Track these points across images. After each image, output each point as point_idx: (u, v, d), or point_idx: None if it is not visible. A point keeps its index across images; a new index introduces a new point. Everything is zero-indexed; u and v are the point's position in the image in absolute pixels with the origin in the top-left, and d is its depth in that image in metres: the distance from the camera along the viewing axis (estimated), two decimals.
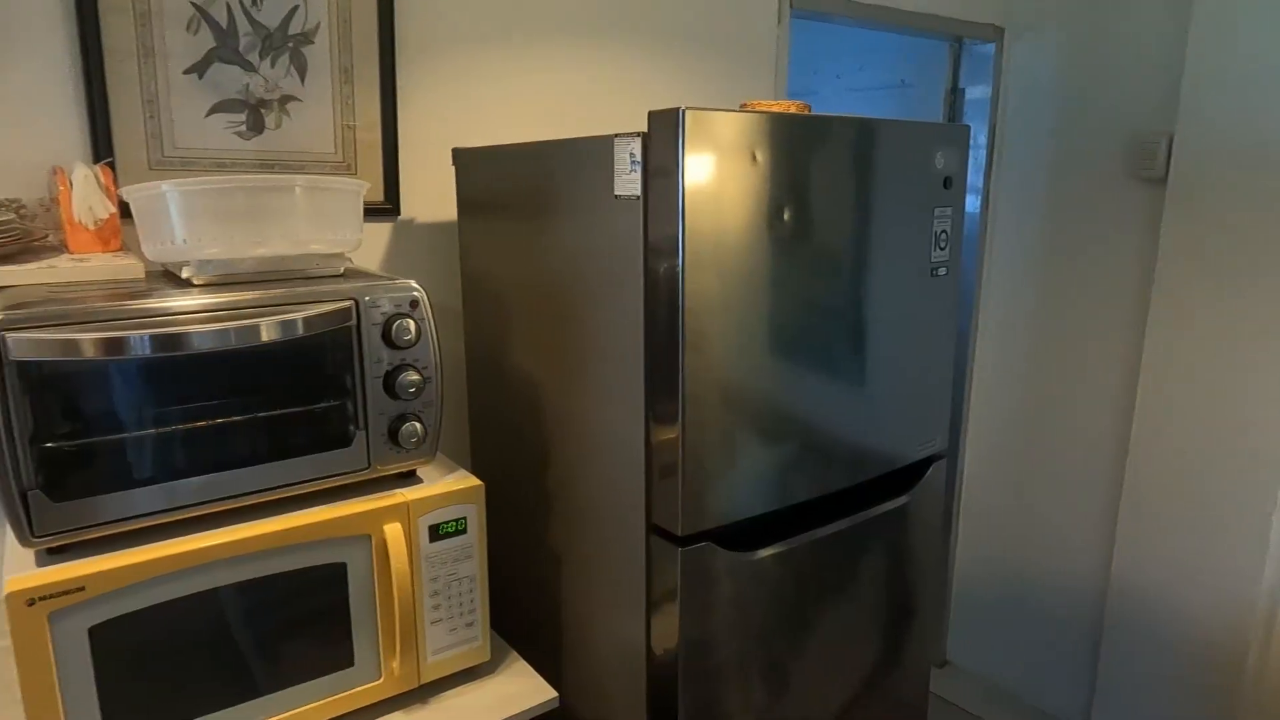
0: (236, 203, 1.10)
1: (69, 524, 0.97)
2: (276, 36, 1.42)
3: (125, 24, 1.29)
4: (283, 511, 1.11)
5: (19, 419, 0.93)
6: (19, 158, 1.26)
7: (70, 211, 1.17)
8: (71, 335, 0.94)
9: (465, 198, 1.51)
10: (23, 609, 0.92)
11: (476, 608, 1.25)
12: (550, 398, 1.38)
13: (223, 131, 1.40)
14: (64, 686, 0.96)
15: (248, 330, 1.04)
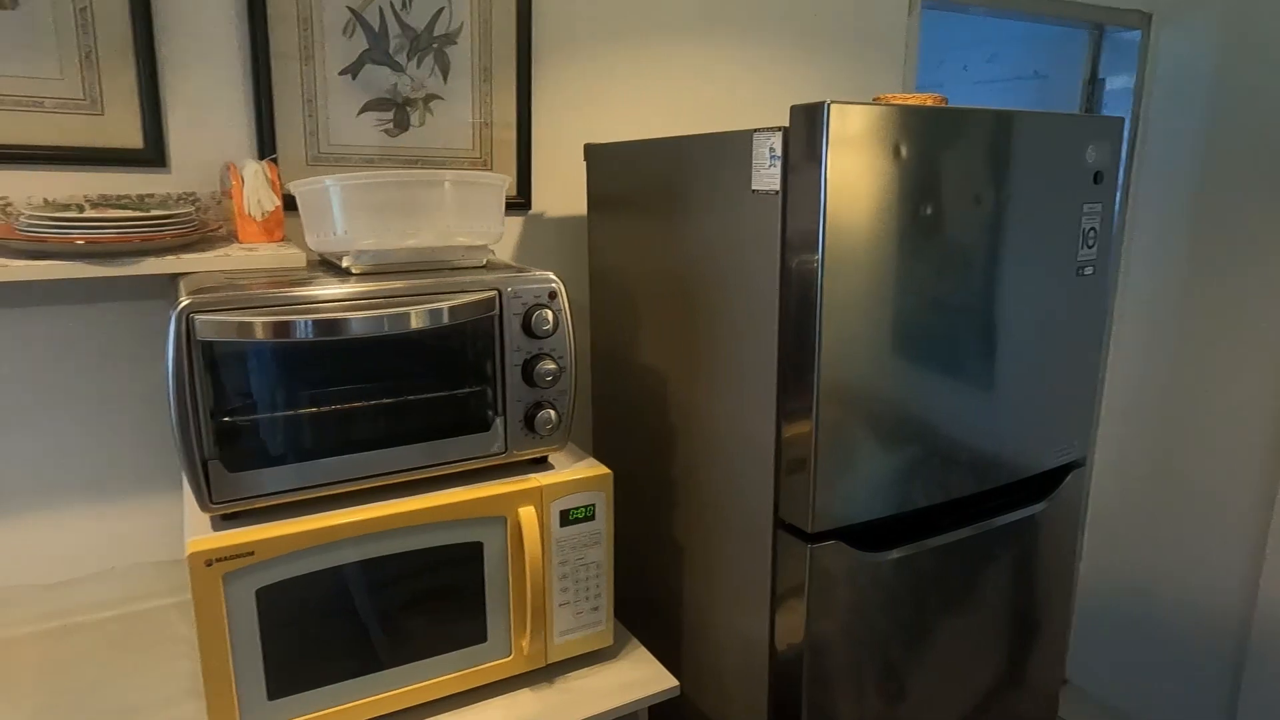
0: (391, 196, 1.16)
1: (241, 493, 1.05)
2: (423, 38, 1.49)
3: (289, 30, 1.38)
4: (426, 491, 1.16)
5: (202, 394, 1.01)
6: (196, 156, 1.37)
7: (241, 204, 1.26)
8: (249, 318, 1.01)
9: (595, 192, 1.54)
10: (202, 569, 1.00)
11: (602, 593, 1.28)
12: (675, 390, 1.40)
13: (372, 129, 1.48)
14: (234, 641, 1.04)
15: (399, 318, 1.10)
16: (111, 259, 1.12)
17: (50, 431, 1.34)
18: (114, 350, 1.36)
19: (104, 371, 1.36)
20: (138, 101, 1.30)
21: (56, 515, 1.37)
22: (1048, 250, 1.33)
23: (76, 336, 1.34)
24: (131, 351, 1.38)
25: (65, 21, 1.24)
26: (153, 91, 1.31)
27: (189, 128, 1.36)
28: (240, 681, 1.05)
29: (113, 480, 1.40)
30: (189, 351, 0.99)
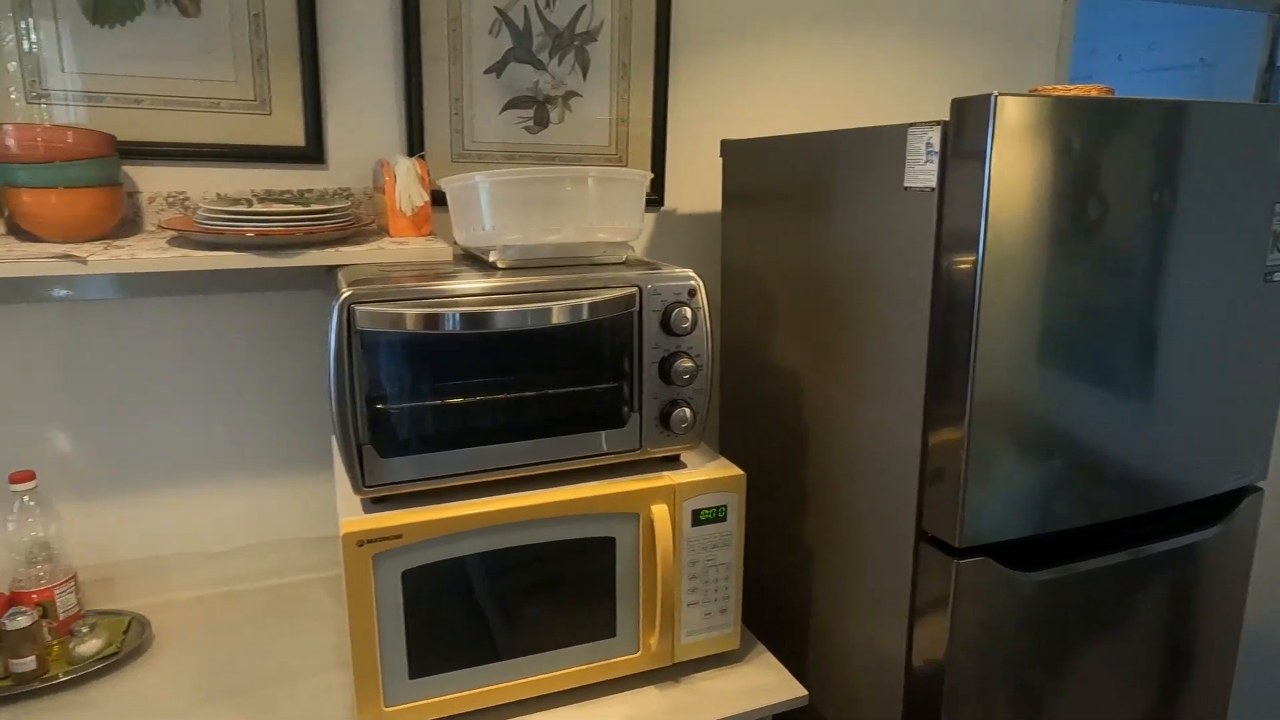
0: (536, 192, 1.18)
1: (390, 478, 1.09)
2: (565, 35, 1.50)
3: (440, 32, 1.43)
4: (561, 484, 1.17)
5: (359, 381, 1.05)
6: (351, 153, 1.43)
7: (393, 200, 1.31)
8: (405, 310, 1.05)
9: (731, 189, 1.52)
10: (354, 548, 1.05)
11: (730, 595, 1.26)
12: (811, 392, 1.36)
13: (513, 126, 1.51)
14: (380, 619, 1.08)
15: (541, 313, 1.12)
16: (278, 251, 1.18)
17: (218, 411, 1.44)
18: (273, 336, 1.45)
19: (264, 356, 1.45)
20: (301, 103, 1.37)
21: (220, 490, 1.47)
22: (1230, 254, 1.22)
23: (240, 323, 1.43)
24: (288, 338, 1.46)
25: (240, 28, 1.32)
26: (314, 93, 1.37)
27: (345, 127, 1.42)
28: (385, 658, 1.09)
29: (269, 459, 1.49)
30: (349, 340, 1.03)
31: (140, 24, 1.27)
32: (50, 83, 1.25)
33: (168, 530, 1.45)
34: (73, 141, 1.17)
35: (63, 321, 1.33)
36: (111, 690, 1.23)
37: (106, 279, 1.34)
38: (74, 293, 1.33)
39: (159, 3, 1.27)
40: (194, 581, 1.48)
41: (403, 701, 1.11)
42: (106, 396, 1.38)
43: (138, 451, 1.41)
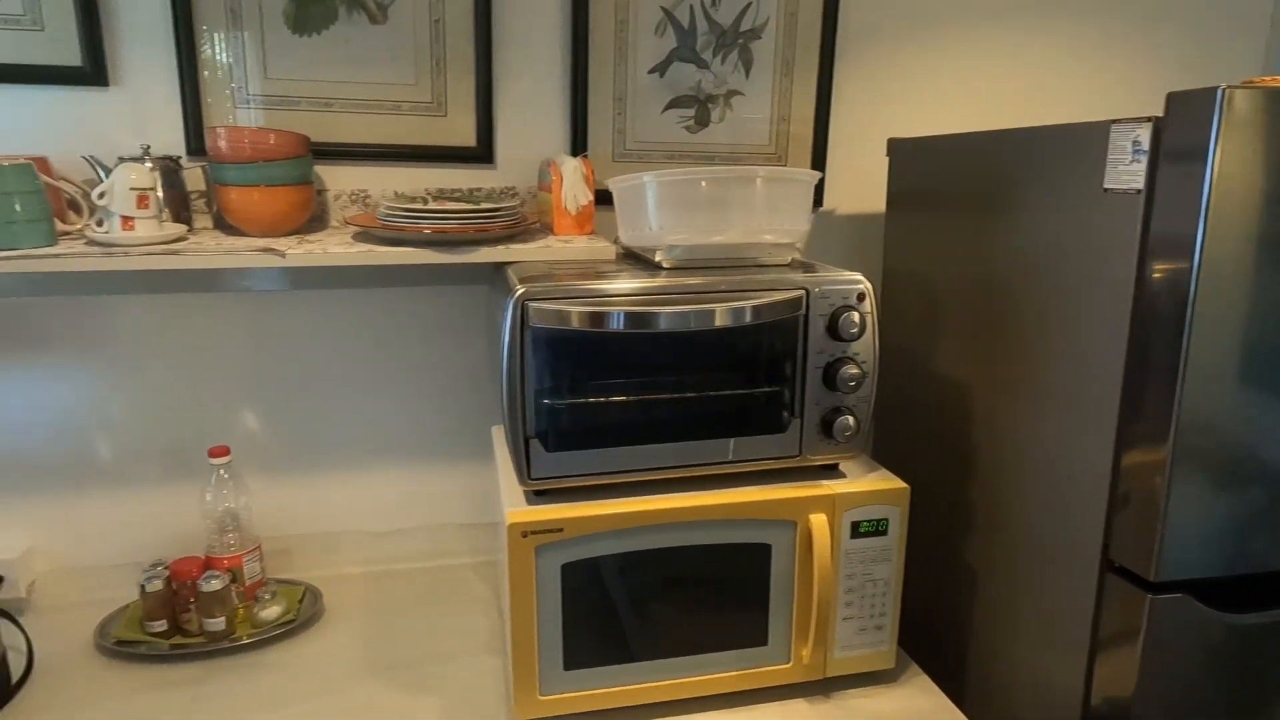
0: (703, 193, 1.17)
1: (554, 471, 1.11)
2: (729, 33, 1.49)
3: (607, 32, 1.44)
4: (716, 487, 1.16)
5: (529, 376, 1.08)
6: (518, 153, 1.47)
7: (559, 199, 1.34)
8: (578, 308, 1.06)
9: (897, 189, 1.46)
10: (519, 539, 1.07)
11: (887, 612, 1.21)
12: (979, 403, 1.29)
13: (674, 126, 1.51)
14: (540, 609, 1.10)
15: (704, 314, 1.11)
16: (452, 247, 1.23)
17: (389, 396, 1.52)
18: (438, 329, 1.51)
19: (430, 348, 1.52)
20: (474, 104, 1.43)
21: (387, 474, 1.55)
22: None
23: (410, 315, 1.50)
24: (452, 331, 1.52)
25: (422, 34, 1.38)
26: (487, 95, 1.42)
27: (513, 128, 1.46)
28: (542, 647, 1.11)
29: (431, 446, 1.56)
30: (522, 336, 1.06)
31: (333, 32, 1.35)
32: (254, 88, 1.35)
33: (339, 508, 1.55)
34: (274, 143, 1.25)
35: (255, 310, 1.44)
36: (289, 654, 1.31)
37: (294, 271, 1.43)
38: (252, 284, 1.43)
39: (351, 12, 1.35)
40: (360, 558, 1.56)
41: (557, 691, 1.13)
42: (291, 381, 1.48)
43: (316, 433, 1.51)
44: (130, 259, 1.12)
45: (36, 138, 1.30)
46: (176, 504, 1.47)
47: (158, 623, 1.32)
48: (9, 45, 1.25)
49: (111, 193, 1.16)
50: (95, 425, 1.42)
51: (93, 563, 1.46)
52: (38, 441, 1.40)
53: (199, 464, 1.45)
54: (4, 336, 1.35)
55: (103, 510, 1.45)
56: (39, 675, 1.25)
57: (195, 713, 1.17)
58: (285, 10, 1.33)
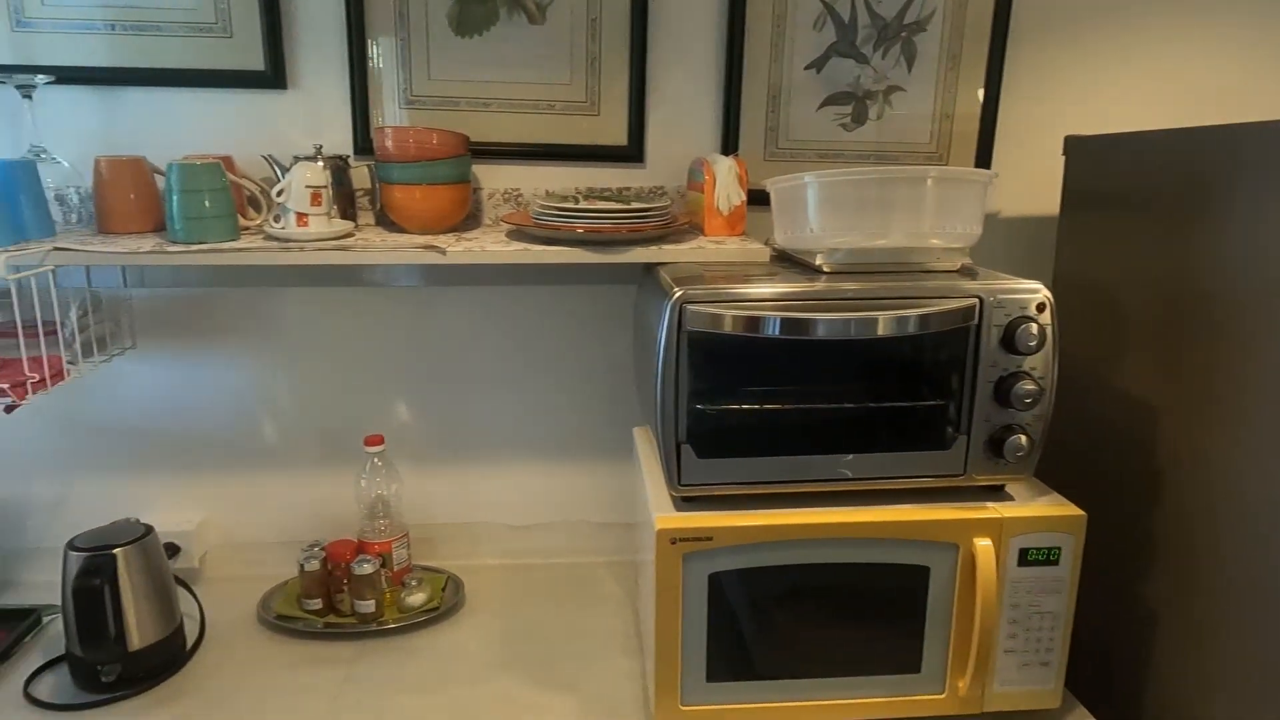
0: (868, 194, 1.11)
1: (704, 479, 1.09)
2: (892, 26, 1.42)
3: (764, 28, 1.40)
4: (872, 503, 1.11)
5: (684, 380, 1.05)
6: (667, 152, 1.46)
7: (711, 199, 1.31)
8: (739, 312, 1.03)
9: (1074, 190, 1.35)
10: (667, 546, 1.06)
11: (1055, 648, 1.12)
12: (1168, 426, 1.17)
13: (829, 124, 1.46)
14: (685, 618, 1.08)
15: (866, 322, 1.05)
16: (605, 247, 1.22)
17: (531, 392, 1.54)
18: (583, 328, 1.52)
19: (575, 346, 1.52)
20: (627, 103, 1.42)
21: (527, 468, 1.57)
22: None
23: (557, 313, 1.51)
24: (596, 330, 1.52)
25: (579, 33, 1.38)
26: (639, 94, 1.41)
27: (664, 127, 1.45)
28: (685, 657, 1.09)
29: (571, 444, 1.57)
30: (678, 339, 1.04)
31: (494, 33, 1.37)
32: (417, 90, 1.38)
33: (481, 500, 1.58)
34: (437, 143, 1.28)
35: (408, 304, 1.48)
36: (432, 640, 1.35)
37: (444, 268, 1.47)
38: (395, 279, 1.47)
39: (511, 13, 1.37)
40: (499, 550, 1.59)
41: (699, 703, 1.11)
42: (441, 374, 1.52)
43: (462, 425, 1.54)
44: (305, 254, 1.18)
45: (221, 138, 1.38)
46: (332, 488, 1.54)
47: (314, 600, 1.39)
48: (202, 52, 1.34)
49: (289, 190, 1.22)
50: (262, 410, 1.50)
51: (256, 538, 1.55)
52: (213, 422, 1.49)
53: (353, 450, 1.51)
54: (188, 324, 1.45)
55: (266, 489, 1.54)
56: (209, 642, 1.33)
57: (347, 691, 1.22)
58: (449, 12, 1.36)
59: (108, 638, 1.18)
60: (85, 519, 1.49)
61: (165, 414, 1.48)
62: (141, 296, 1.43)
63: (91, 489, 1.50)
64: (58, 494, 1.50)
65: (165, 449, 1.50)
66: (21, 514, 1.50)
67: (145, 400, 1.47)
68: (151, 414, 1.48)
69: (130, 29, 1.32)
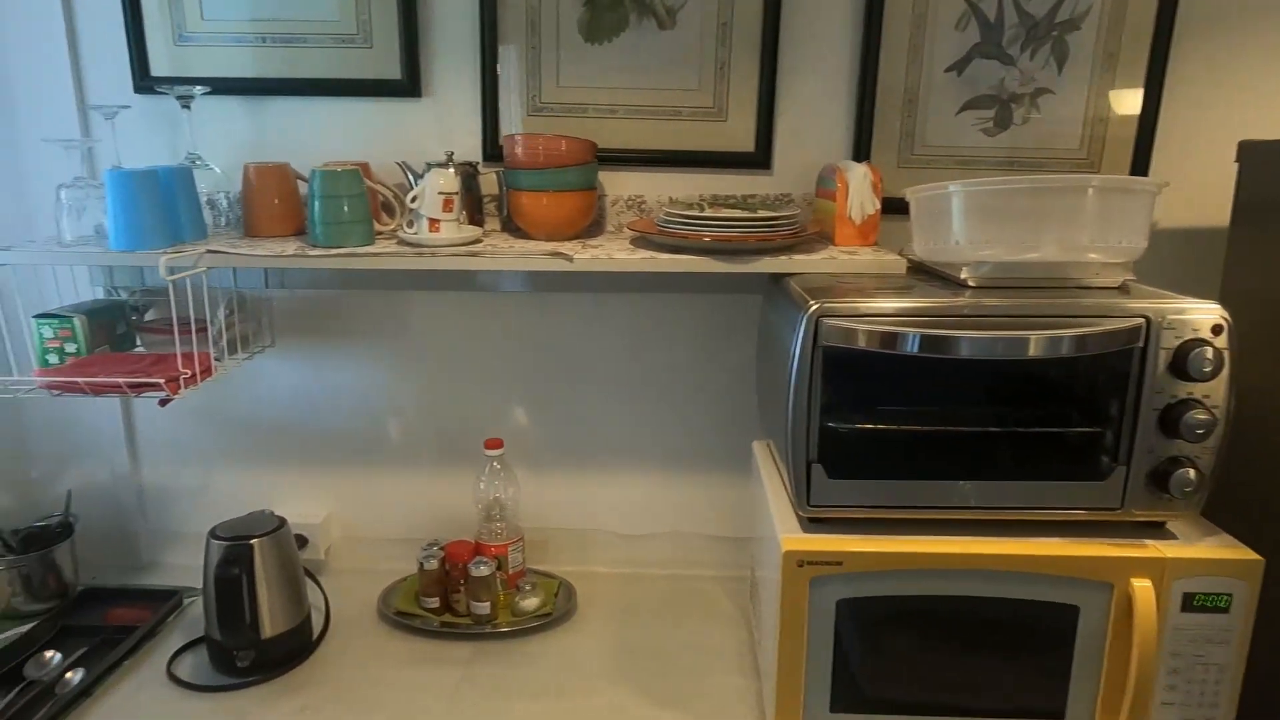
0: (1019, 204, 1.05)
1: (836, 500, 1.04)
2: (1042, 25, 1.34)
3: (902, 29, 1.34)
4: (1018, 534, 1.03)
5: (816, 396, 1.01)
6: (795, 158, 1.41)
7: (844, 207, 1.26)
8: (880, 327, 0.98)
9: (1249, 200, 1.24)
10: (794, 568, 1.02)
11: (1221, 704, 1.02)
12: None
13: (969, 129, 1.38)
14: (809, 643, 1.04)
15: (1015, 341, 0.98)
16: (733, 256, 1.19)
17: (648, 401, 1.52)
18: (702, 337, 1.49)
19: (693, 356, 1.50)
20: (755, 108, 1.38)
21: (641, 477, 1.56)
22: None
23: (676, 322, 1.49)
24: (715, 340, 1.49)
25: (708, 37, 1.36)
26: (769, 98, 1.37)
27: (792, 132, 1.40)
28: (809, 684, 1.05)
29: (686, 454, 1.54)
30: (813, 354, 1.00)
31: (623, 40, 1.36)
32: (546, 97, 1.39)
33: (594, 507, 1.57)
34: (565, 150, 1.28)
35: (528, 310, 1.49)
36: (546, 646, 1.35)
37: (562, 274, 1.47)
38: (503, 284, 1.48)
39: (641, 18, 1.35)
40: (610, 558, 1.58)
41: None
42: (558, 379, 1.52)
43: (578, 432, 1.54)
44: (438, 259, 1.19)
45: (357, 145, 1.42)
46: (449, 488, 1.57)
47: (432, 599, 1.41)
48: (343, 62, 1.38)
49: (422, 196, 1.24)
50: (387, 409, 1.54)
51: (376, 534, 1.60)
52: (341, 420, 1.54)
53: (471, 452, 1.53)
54: (321, 324, 1.50)
55: (388, 487, 1.58)
56: (333, 633, 1.37)
57: (464, 692, 1.23)
58: (580, 19, 1.36)
59: (244, 624, 1.23)
60: (222, 507, 1.57)
61: (297, 410, 1.54)
62: (280, 297, 1.49)
63: (228, 479, 1.58)
64: (199, 482, 1.58)
65: (296, 444, 1.56)
66: (167, 500, 1.59)
67: (280, 397, 1.53)
68: (285, 410, 1.54)
69: (278, 41, 1.38)
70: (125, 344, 1.37)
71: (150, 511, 1.59)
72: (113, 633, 1.34)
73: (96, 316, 1.30)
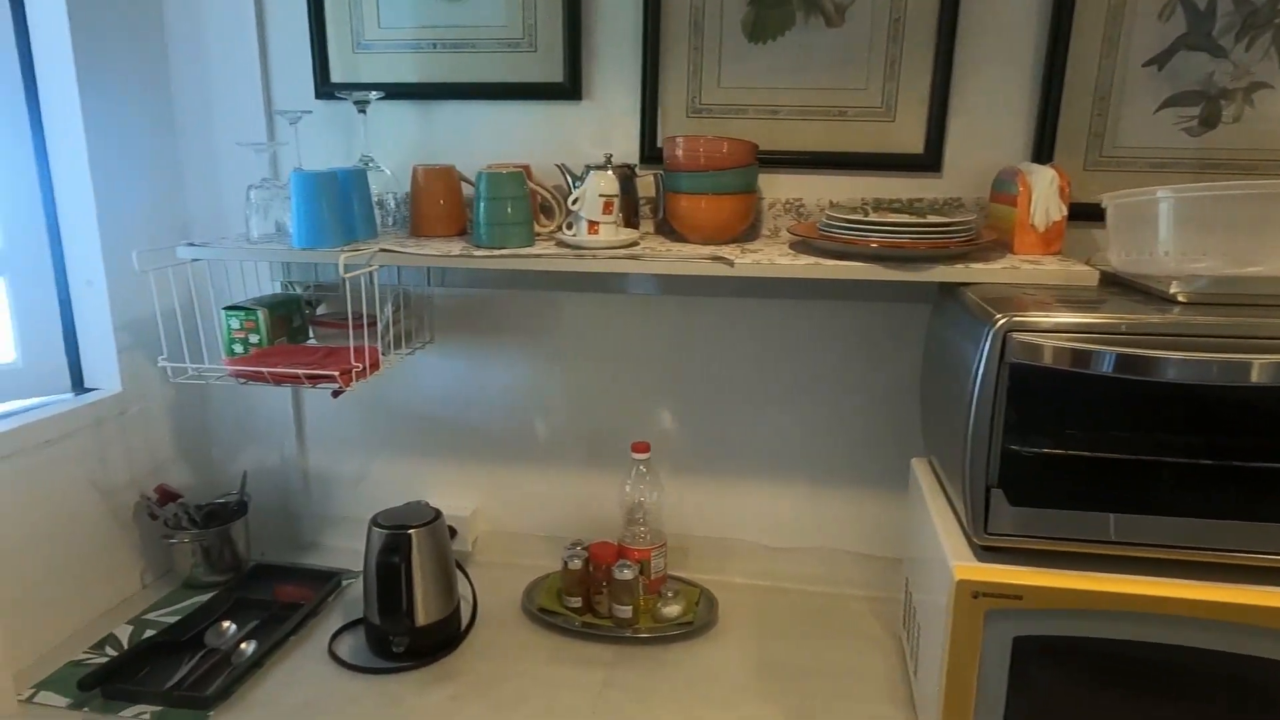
0: (1242, 212, 0.94)
1: (1017, 529, 0.97)
2: (1263, 13, 1.20)
3: (1095, 20, 1.24)
4: (1233, 580, 0.92)
5: (999, 418, 0.94)
6: (968, 160, 1.33)
7: (1026, 213, 1.17)
8: (1076, 344, 0.91)
9: None
10: (968, 599, 0.95)
11: None
12: None
13: (1169, 128, 1.26)
14: (980, 681, 0.97)
15: (1234, 366, 0.88)
16: (903, 263, 1.13)
17: (797, 411, 1.48)
18: (859, 346, 1.43)
19: (848, 365, 1.44)
20: (926, 108, 1.31)
21: (786, 488, 1.51)
22: None
23: (828, 329, 1.43)
24: (874, 350, 1.43)
25: (879, 34, 1.30)
26: (942, 97, 1.30)
27: (966, 132, 1.32)
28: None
29: (835, 467, 1.49)
30: (998, 371, 0.93)
31: (788, 39, 1.32)
32: (706, 98, 1.37)
33: (736, 516, 1.54)
34: (726, 152, 1.26)
35: (677, 314, 1.47)
36: (687, 655, 1.33)
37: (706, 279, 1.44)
38: (631, 287, 1.46)
39: (808, 16, 1.31)
40: (750, 570, 1.55)
41: None
42: (706, 384, 1.50)
43: (724, 439, 1.51)
44: (598, 261, 1.19)
45: (517, 147, 1.45)
46: (593, 488, 1.57)
47: (574, 599, 1.42)
48: (508, 66, 1.41)
49: (583, 198, 1.25)
50: (534, 407, 1.56)
51: (520, 529, 1.62)
52: (492, 416, 1.58)
53: (616, 455, 1.53)
54: (475, 322, 1.54)
55: (533, 484, 1.60)
56: (479, 624, 1.40)
57: (609, 696, 1.22)
58: (744, 19, 1.33)
59: (400, 611, 1.27)
60: (377, 494, 1.64)
61: (451, 405, 1.58)
62: (440, 295, 1.54)
63: (384, 468, 1.64)
64: (357, 470, 1.65)
65: (448, 437, 1.60)
66: (329, 484, 1.67)
67: (435, 391, 1.58)
68: (439, 404, 1.59)
69: (448, 47, 1.42)
70: (299, 337, 1.45)
71: (313, 495, 1.68)
72: (280, 609, 1.42)
73: (276, 310, 1.38)
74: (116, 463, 1.45)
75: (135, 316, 1.47)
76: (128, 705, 1.18)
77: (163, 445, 1.56)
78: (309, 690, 1.23)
